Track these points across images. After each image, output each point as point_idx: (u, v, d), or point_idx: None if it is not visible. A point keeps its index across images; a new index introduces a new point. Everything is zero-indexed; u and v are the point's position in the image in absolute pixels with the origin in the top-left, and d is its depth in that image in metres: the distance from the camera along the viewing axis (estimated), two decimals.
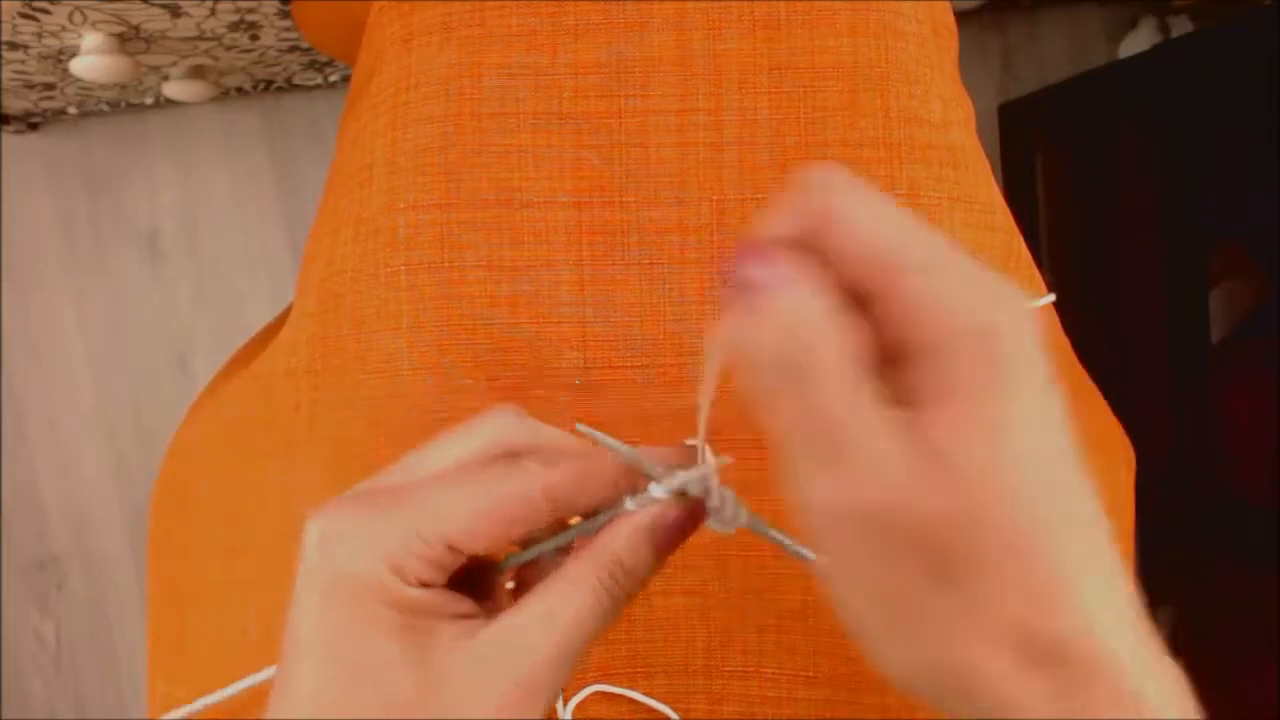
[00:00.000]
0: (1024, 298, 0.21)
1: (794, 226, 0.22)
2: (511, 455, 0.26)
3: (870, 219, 0.21)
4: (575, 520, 0.27)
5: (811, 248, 0.21)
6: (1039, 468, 0.20)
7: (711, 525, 0.27)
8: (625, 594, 0.26)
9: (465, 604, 0.25)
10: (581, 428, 0.28)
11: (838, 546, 0.21)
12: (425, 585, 0.24)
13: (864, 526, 0.20)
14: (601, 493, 0.26)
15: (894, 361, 0.21)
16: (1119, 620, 0.20)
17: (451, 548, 0.24)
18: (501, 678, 0.24)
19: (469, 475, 0.25)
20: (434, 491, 0.25)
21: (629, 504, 0.26)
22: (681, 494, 0.26)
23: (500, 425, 0.27)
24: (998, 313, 0.20)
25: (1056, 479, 0.20)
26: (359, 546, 0.24)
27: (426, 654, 0.24)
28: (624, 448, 0.26)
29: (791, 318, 0.20)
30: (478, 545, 0.25)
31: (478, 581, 0.27)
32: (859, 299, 0.21)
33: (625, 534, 0.26)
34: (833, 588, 0.22)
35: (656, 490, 0.26)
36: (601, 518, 0.27)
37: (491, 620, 0.25)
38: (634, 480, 0.26)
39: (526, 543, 0.28)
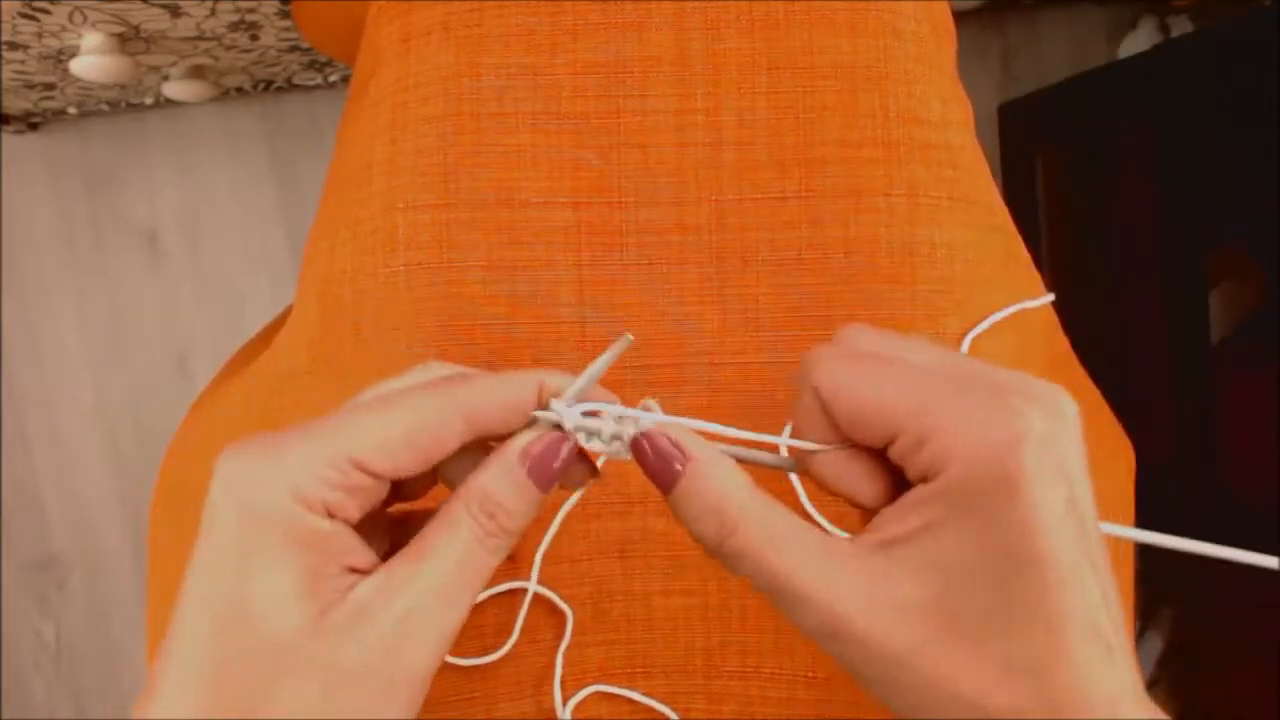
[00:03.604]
0: (1040, 400, 0.22)
1: (814, 405, 0.24)
2: (428, 383, 0.25)
3: (851, 387, 0.24)
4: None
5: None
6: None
7: (596, 447, 0.26)
8: (504, 528, 0.25)
9: (369, 555, 0.24)
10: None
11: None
12: (334, 516, 0.23)
13: (831, 646, 0.23)
14: (521, 410, 0.25)
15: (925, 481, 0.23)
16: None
17: (361, 467, 0.23)
18: (375, 626, 0.23)
19: (379, 401, 0.25)
20: (341, 417, 0.24)
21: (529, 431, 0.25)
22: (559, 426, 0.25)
23: (431, 369, 0.27)
24: (994, 432, 0.22)
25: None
26: (264, 478, 0.23)
27: (317, 592, 0.23)
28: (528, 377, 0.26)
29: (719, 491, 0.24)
30: (388, 464, 0.24)
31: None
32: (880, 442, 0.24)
33: (494, 465, 0.25)
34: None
35: (542, 415, 0.25)
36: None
37: (376, 570, 0.24)
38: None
39: (450, 477, 0.27)
